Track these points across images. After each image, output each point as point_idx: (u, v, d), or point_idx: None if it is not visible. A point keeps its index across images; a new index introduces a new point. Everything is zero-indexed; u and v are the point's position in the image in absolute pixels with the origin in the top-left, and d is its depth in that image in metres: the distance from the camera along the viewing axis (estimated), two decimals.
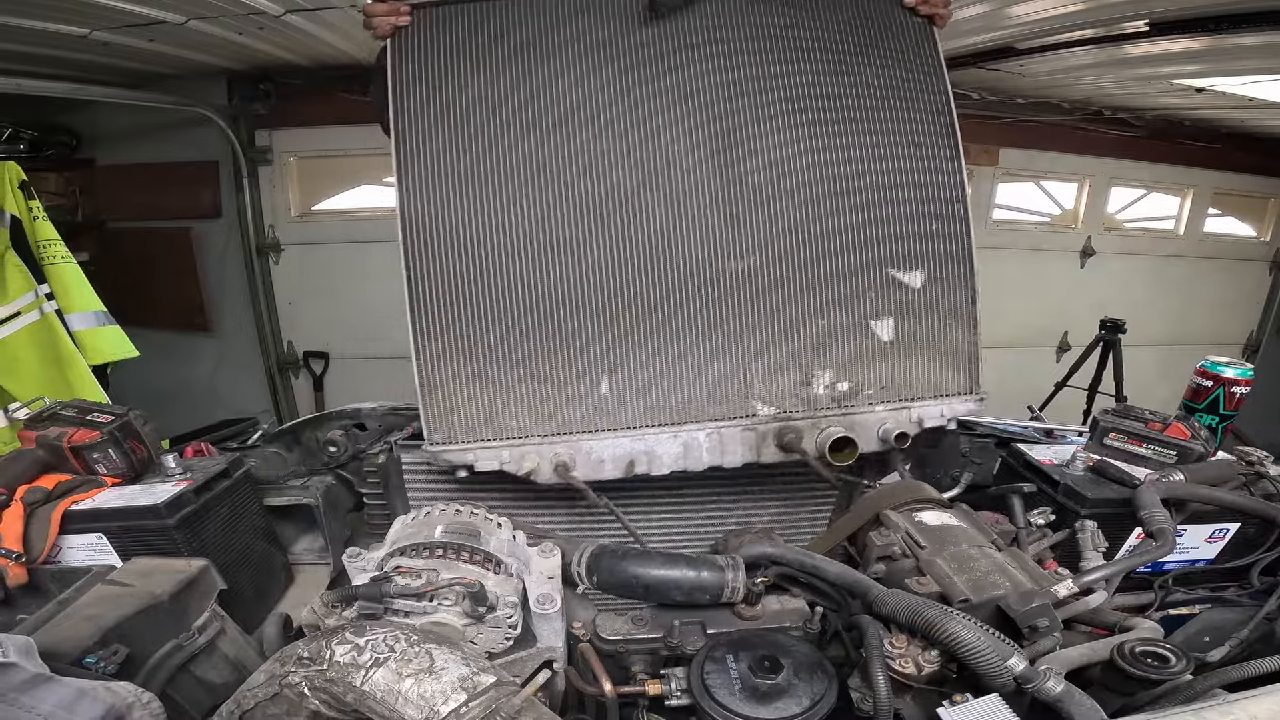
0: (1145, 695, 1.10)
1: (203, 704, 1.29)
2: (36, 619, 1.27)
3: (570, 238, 1.72)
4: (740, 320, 1.75)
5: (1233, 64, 4.09)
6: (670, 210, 1.73)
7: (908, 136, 1.78)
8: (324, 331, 5.97)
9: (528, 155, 1.72)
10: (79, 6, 3.34)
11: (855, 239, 1.76)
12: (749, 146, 1.75)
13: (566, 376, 1.73)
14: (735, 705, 1.11)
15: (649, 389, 1.73)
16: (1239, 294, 7.13)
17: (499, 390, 1.71)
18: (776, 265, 1.75)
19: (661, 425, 1.74)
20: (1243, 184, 6.69)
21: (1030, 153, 6.18)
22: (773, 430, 1.76)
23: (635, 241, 1.72)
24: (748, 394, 1.76)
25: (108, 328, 3.78)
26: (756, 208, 1.74)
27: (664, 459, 1.76)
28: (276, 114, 5.41)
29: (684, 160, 1.74)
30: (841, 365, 1.77)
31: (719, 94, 1.76)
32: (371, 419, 2.22)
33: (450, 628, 1.18)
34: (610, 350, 1.73)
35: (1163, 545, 1.47)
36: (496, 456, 1.71)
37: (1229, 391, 2.47)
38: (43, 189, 4.15)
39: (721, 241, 1.74)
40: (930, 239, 1.77)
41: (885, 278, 1.77)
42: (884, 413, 1.77)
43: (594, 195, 1.72)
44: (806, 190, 1.75)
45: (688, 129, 1.75)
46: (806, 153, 1.76)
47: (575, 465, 1.73)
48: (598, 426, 1.73)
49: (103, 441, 1.77)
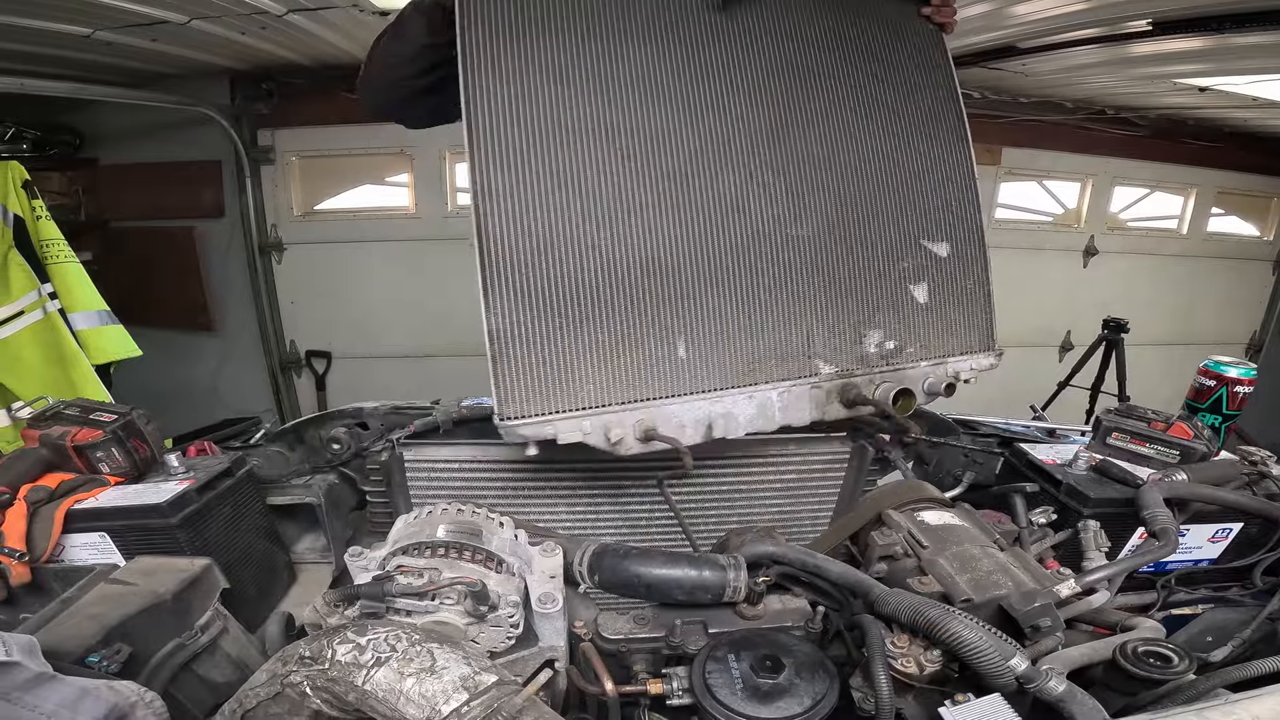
0: (1148, 695, 1.10)
1: (205, 703, 1.30)
2: (39, 618, 1.27)
3: (645, 201, 1.70)
4: (803, 283, 1.81)
5: (1236, 63, 4.08)
6: (739, 177, 1.77)
7: (927, 126, 1.97)
8: (326, 330, 5.99)
9: (600, 120, 1.70)
10: (82, 6, 3.35)
11: (893, 212, 1.91)
12: (803, 125, 1.85)
13: (645, 340, 1.69)
14: (737, 705, 1.11)
15: (724, 350, 1.74)
16: (1242, 293, 7.13)
17: (576, 358, 1.65)
18: (831, 233, 1.85)
19: (737, 386, 1.75)
20: (1246, 183, 6.68)
21: (1033, 152, 6.18)
22: (836, 387, 1.83)
23: (707, 205, 1.74)
24: (811, 353, 1.82)
25: (111, 327, 3.79)
26: (813, 179, 1.84)
27: (740, 420, 1.77)
28: (279, 113, 5.43)
29: (749, 133, 1.79)
30: (888, 325, 1.89)
31: (776, 78, 1.83)
32: (374, 418, 2.22)
33: (452, 627, 1.18)
34: (686, 312, 1.72)
35: (1165, 545, 1.47)
36: (578, 427, 1.64)
37: (1232, 391, 2.47)
38: (46, 188, 4.16)
39: (785, 208, 1.80)
40: (951, 214, 1.97)
41: (918, 247, 1.93)
42: (926, 368, 1.92)
43: (667, 161, 1.73)
44: (852, 167, 1.88)
45: (751, 106, 1.80)
46: (848, 135, 1.89)
47: (658, 429, 1.70)
48: (676, 391, 1.71)
49: (106, 440, 1.77)
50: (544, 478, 1.98)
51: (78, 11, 3.42)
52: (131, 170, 5.54)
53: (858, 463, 2.11)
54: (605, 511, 2.02)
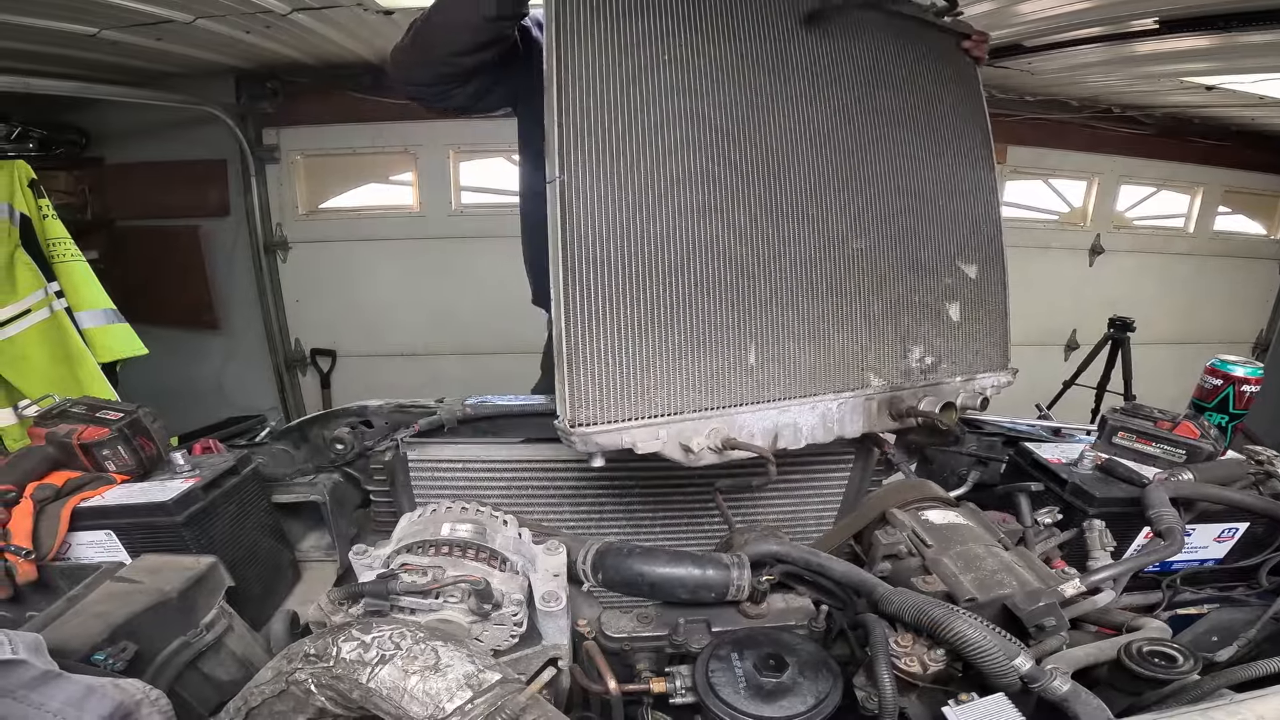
0: (1152, 695, 1.10)
1: (210, 701, 1.30)
2: (45, 616, 1.27)
3: (730, 198, 1.66)
4: (859, 295, 1.86)
5: (1243, 61, 4.06)
6: (813, 182, 1.80)
7: (961, 151, 2.08)
8: (331, 329, 6.00)
9: (692, 108, 1.62)
10: (87, 5, 3.36)
11: (936, 232, 2.00)
12: (868, 142, 1.90)
13: (721, 345, 1.64)
14: (740, 703, 1.11)
15: (791, 360, 1.75)
16: (1249, 292, 7.10)
17: (652, 360, 1.55)
18: (885, 247, 1.91)
19: (801, 396, 1.76)
20: (1253, 182, 6.65)
21: (1039, 150, 6.16)
22: (885, 400, 1.90)
23: (783, 208, 1.74)
24: (864, 365, 1.88)
25: (117, 325, 3.80)
26: (873, 193, 1.90)
27: (804, 430, 1.77)
28: (284, 112, 5.44)
29: (824, 143, 1.83)
30: (928, 340, 1.98)
31: (848, 95, 1.89)
32: (378, 416, 2.22)
33: (456, 625, 1.18)
34: (758, 318, 1.70)
35: (1171, 545, 1.46)
36: (654, 435, 1.55)
37: (1239, 390, 2.46)
38: (52, 187, 4.18)
39: (848, 221, 1.85)
40: (979, 237, 2.08)
41: (954, 267, 2.03)
42: (958, 384, 2.02)
43: (751, 159, 1.71)
44: (902, 187, 1.95)
45: (827, 117, 1.85)
46: (902, 155, 1.96)
47: (729, 436, 1.65)
48: (746, 399, 1.68)
49: (112, 439, 1.77)
50: (548, 477, 1.98)
51: (83, 11, 3.43)
52: (137, 169, 5.56)
53: (862, 462, 2.11)
54: (609, 510, 2.02)
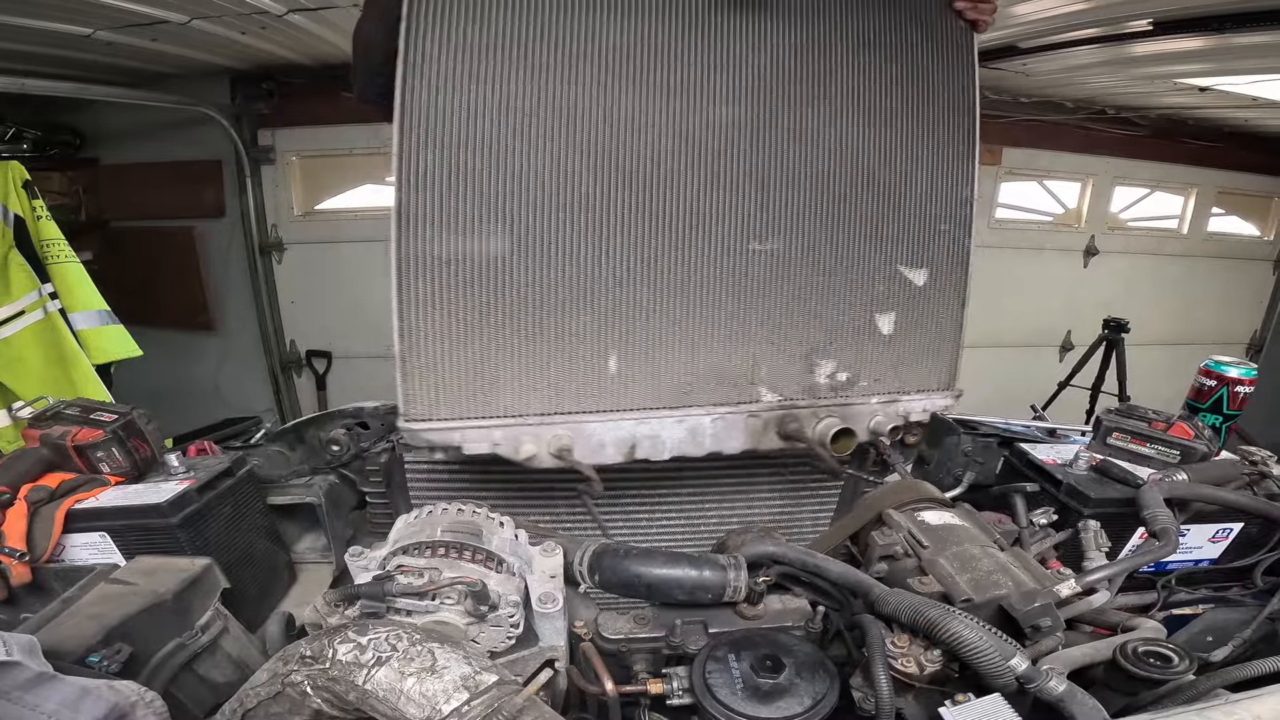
0: (1148, 695, 1.10)
1: (206, 703, 1.30)
2: (40, 618, 1.27)
3: (592, 195, 1.56)
4: (757, 303, 1.70)
5: (1236, 63, 4.08)
6: (706, 180, 1.62)
7: (932, 134, 1.77)
8: (326, 330, 5.98)
9: (558, 101, 1.53)
10: (82, 6, 3.35)
11: (873, 230, 1.75)
12: (788, 126, 1.67)
13: (574, 349, 1.58)
14: (737, 704, 1.11)
15: (659, 369, 1.64)
16: (1243, 293, 7.13)
17: (495, 360, 1.53)
18: (799, 250, 1.71)
19: (667, 408, 1.67)
20: (1246, 183, 6.69)
21: (1033, 152, 6.18)
22: (775, 418, 1.74)
23: (665, 209, 1.60)
24: (755, 379, 1.72)
25: (111, 327, 3.79)
26: (788, 189, 1.68)
27: (667, 443, 1.70)
28: (279, 113, 5.43)
29: (726, 130, 1.62)
30: (844, 355, 1.77)
31: (766, 66, 1.64)
32: (374, 418, 2.22)
33: (452, 627, 1.18)
34: (624, 323, 1.61)
35: (1166, 545, 1.46)
36: (488, 438, 1.54)
37: (1233, 391, 2.47)
38: (46, 188, 4.16)
39: (751, 219, 1.66)
40: (937, 238, 1.80)
41: (894, 272, 1.78)
42: (876, 405, 1.81)
43: (625, 153, 1.57)
44: (836, 176, 1.71)
45: (732, 98, 1.62)
46: (840, 138, 1.70)
47: (574, 449, 1.62)
48: (600, 407, 1.62)
49: (106, 440, 1.77)
50: (544, 478, 1.97)
51: (78, 11, 3.42)
52: (132, 170, 5.54)
53: (858, 463, 2.11)
54: (605, 511, 2.01)
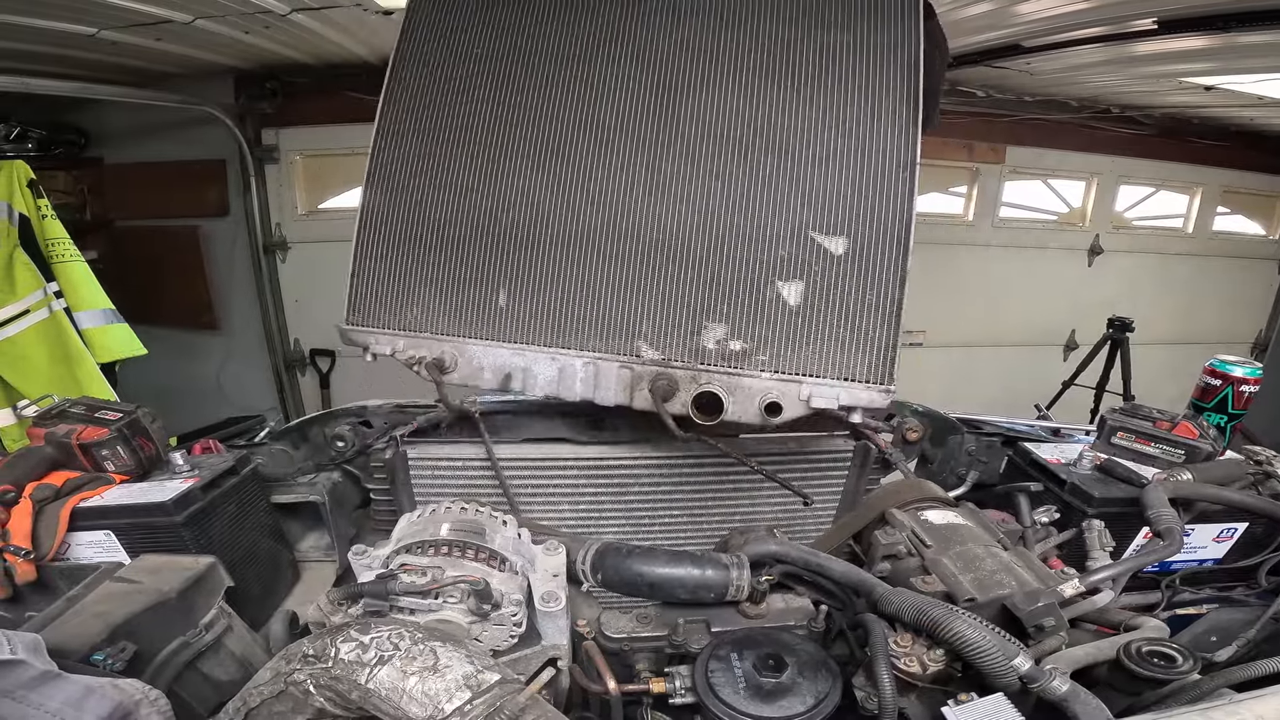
0: (1151, 695, 1.10)
1: (209, 701, 1.30)
2: (45, 616, 1.27)
3: (505, 167, 1.81)
4: (640, 256, 1.72)
5: (1242, 62, 4.07)
6: (604, 151, 1.77)
7: (864, 94, 1.68)
8: (330, 329, 5.92)
9: (486, 98, 1.84)
10: (87, 6, 3.36)
11: (781, 193, 1.67)
12: (691, 90, 1.75)
13: (471, 282, 1.80)
14: (739, 703, 1.11)
15: (539, 308, 1.77)
16: (1248, 292, 7.11)
17: (414, 284, 1.83)
18: (691, 209, 1.71)
19: (542, 345, 1.77)
20: (1251, 182, 6.67)
21: (1038, 150, 6.17)
22: (649, 374, 1.71)
23: (570, 173, 1.78)
24: (633, 332, 1.72)
25: (116, 325, 3.80)
26: (685, 151, 1.73)
27: (539, 379, 1.79)
28: (283, 112, 5.43)
29: (619, 95, 1.78)
30: (738, 323, 1.67)
31: (670, 33, 1.79)
32: (378, 416, 2.22)
33: (455, 625, 1.18)
34: (514, 264, 1.79)
35: (1170, 545, 1.46)
36: (391, 343, 1.83)
37: (1237, 390, 2.47)
38: (51, 187, 4.18)
39: (640, 181, 1.74)
40: (863, 204, 1.64)
41: (804, 238, 1.65)
42: (770, 382, 1.66)
43: (534, 139, 1.81)
44: (741, 139, 1.70)
45: (632, 71, 1.79)
46: (750, 101, 1.71)
47: (456, 367, 1.82)
48: (484, 335, 1.80)
49: (111, 439, 1.77)
50: (547, 476, 1.98)
51: (82, 11, 3.43)
52: (136, 169, 5.55)
53: (860, 462, 2.11)
54: (608, 510, 2.02)
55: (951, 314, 6.32)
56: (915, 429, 2.29)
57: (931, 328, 6.37)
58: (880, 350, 1.62)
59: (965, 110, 5.65)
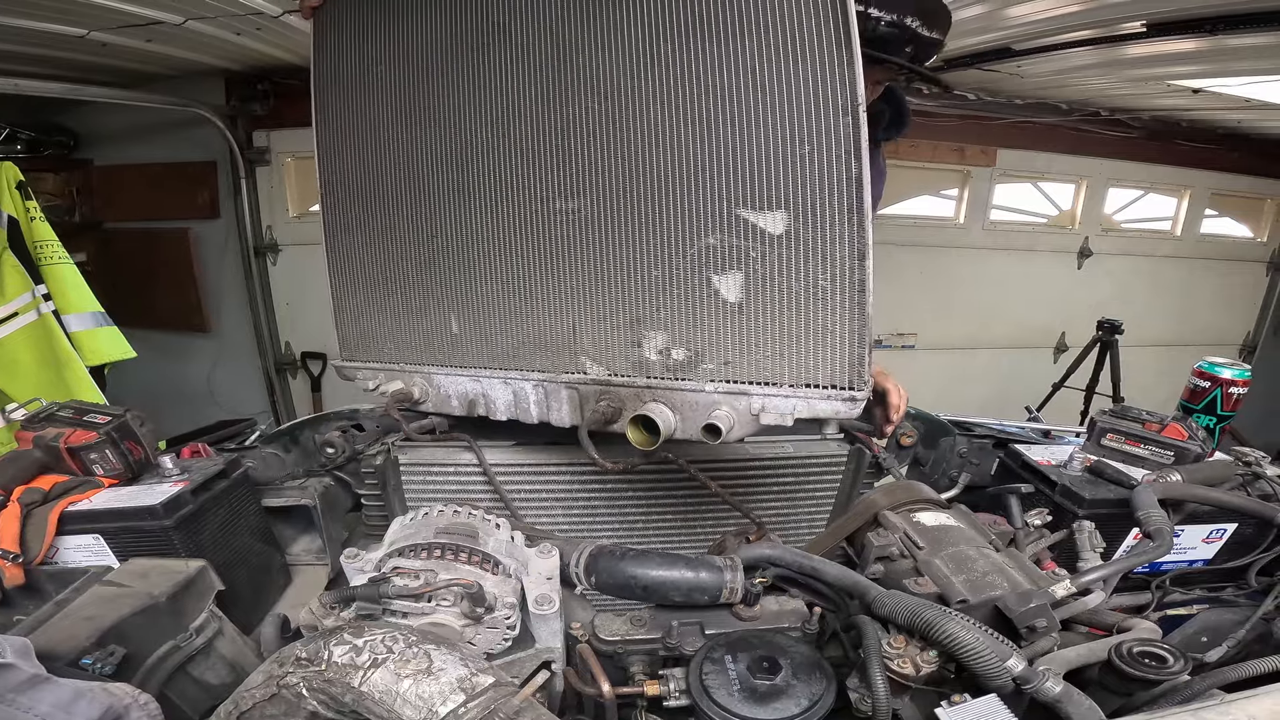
0: (1143, 695, 1.11)
1: (200, 704, 1.29)
2: (34, 620, 1.26)
3: (430, 180, 1.79)
4: (569, 266, 1.58)
5: (1230, 65, 4.10)
6: (510, 153, 1.65)
7: (786, 40, 1.31)
8: (322, 332, 5.96)
9: (396, 107, 1.82)
10: (77, 7, 3.34)
11: (697, 169, 1.40)
12: (584, 79, 1.51)
13: (425, 311, 1.84)
14: (733, 706, 1.11)
15: (486, 331, 1.77)
16: (1236, 295, 7.17)
17: (385, 318, 1.90)
18: (608, 205, 1.50)
19: (496, 370, 1.78)
20: (1240, 185, 6.72)
21: (1028, 153, 6.21)
22: (593, 393, 1.59)
23: (482, 184, 1.72)
24: (576, 349, 1.61)
25: (105, 328, 3.78)
26: (589, 143, 1.52)
27: (498, 404, 1.81)
28: (274, 114, 5.41)
29: (521, 102, 1.62)
30: (677, 328, 1.47)
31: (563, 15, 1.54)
32: (369, 420, 2.21)
33: (448, 628, 1.18)
34: (456, 287, 1.79)
35: (1160, 545, 1.47)
36: (373, 377, 1.94)
37: (1226, 392, 2.48)
38: (40, 189, 4.16)
39: (554, 181, 1.58)
40: (799, 167, 1.32)
41: (734, 219, 1.38)
42: (717, 395, 1.45)
43: (445, 142, 1.76)
44: (646, 118, 1.44)
45: (528, 70, 1.59)
46: (653, 75, 1.43)
47: (427, 398, 1.89)
48: (447, 363, 1.84)
49: (100, 442, 1.76)
50: (540, 480, 1.97)
51: (72, 12, 3.41)
52: (126, 171, 5.53)
53: (854, 465, 2.11)
54: (601, 513, 2.01)
55: (943, 317, 6.35)
56: (909, 433, 2.30)
57: (923, 330, 6.40)
58: (845, 347, 1.34)
59: (957, 113, 5.69)
